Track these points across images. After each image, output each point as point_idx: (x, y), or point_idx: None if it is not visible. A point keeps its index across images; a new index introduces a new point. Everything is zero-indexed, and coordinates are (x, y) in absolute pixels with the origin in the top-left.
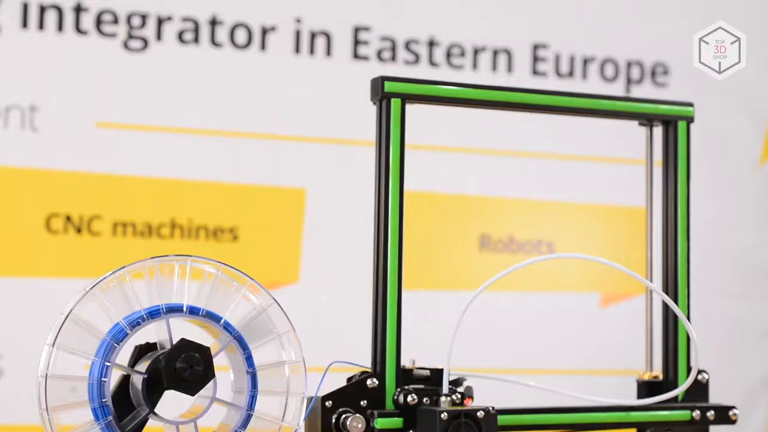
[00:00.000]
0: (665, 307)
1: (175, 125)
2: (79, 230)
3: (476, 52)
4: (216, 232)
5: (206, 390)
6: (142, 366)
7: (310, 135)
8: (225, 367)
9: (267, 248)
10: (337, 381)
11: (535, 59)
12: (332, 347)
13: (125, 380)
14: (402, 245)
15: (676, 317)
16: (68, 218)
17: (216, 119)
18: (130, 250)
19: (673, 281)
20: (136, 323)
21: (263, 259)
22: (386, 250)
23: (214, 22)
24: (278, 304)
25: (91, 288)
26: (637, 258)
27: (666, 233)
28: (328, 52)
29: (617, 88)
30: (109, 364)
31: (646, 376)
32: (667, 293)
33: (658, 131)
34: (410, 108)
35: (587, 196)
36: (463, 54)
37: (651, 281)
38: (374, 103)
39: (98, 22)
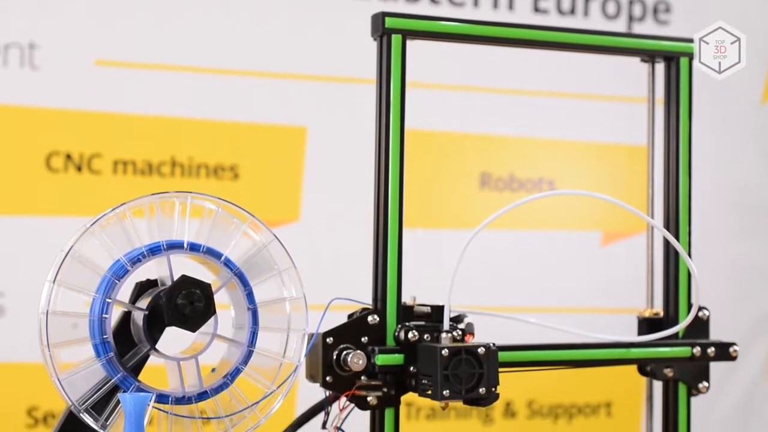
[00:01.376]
0: (666, 244)
1: (176, 63)
2: (79, 168)
3: None
4: (216, 170)
5: (207, 327)
6: (143, 303)
7: (311, 73)
8: (226, 304)
9: (268, 187)
10: (337, 319)
11: None
12: (333, 285)
13: (126, 317)
14: (402, 183)
15: (677, 254)
16: (68, 156)
17: (216, 57)
18: (131, 188)
19: (675, 218)
20: (136, 260)
21: (264, 197)
22: (387, 188)
23: None
24: (279, 240)
25: (92, 225)
26: (639, 197)
27: (668, 170)
28: None
29: (619, 26)
30: (109, 300)
31: (647, 313)
32: (668, 230)
33: (660, 68)
34: (411, 45)
35: (589, 134)
36: None
37: (652, 219)
38: (375, 40)
39: None
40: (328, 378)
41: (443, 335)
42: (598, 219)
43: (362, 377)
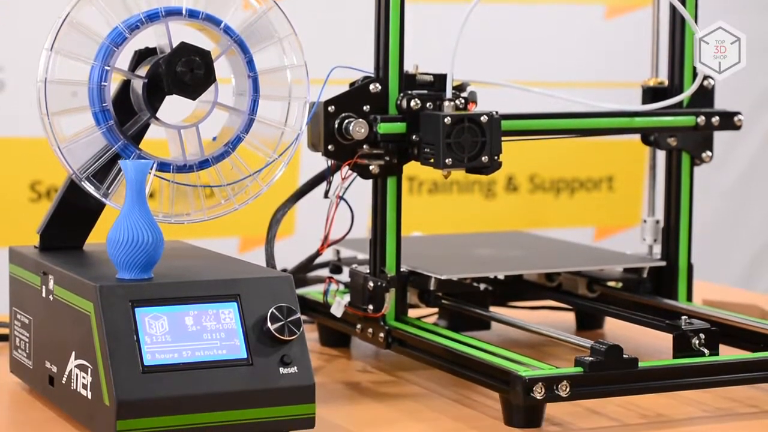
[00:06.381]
0: (672, 14)
1: None
2: None
3: None
4: None
5: (207, 95)
6: (142, 71)
7: None
8: (227, 79)
9: None
10: (339, 91)
11: None
12: (334, 58)
13: (125, 86)
14: None
15: (683, 23)
16: None
17: None
18: None
19: None
20: (134, 26)
21: None
22: None
23: None
24: (279, 7)
25: None
26: None
27: None
28: None
29: None
30: (108, 68)
31: (651, 83)
32: None
33: None
34: None
35: None
36: None
37: None
38: None
39: None
40: (329, 147)
41: (446, 103)
42: None
43: (364, 146)
